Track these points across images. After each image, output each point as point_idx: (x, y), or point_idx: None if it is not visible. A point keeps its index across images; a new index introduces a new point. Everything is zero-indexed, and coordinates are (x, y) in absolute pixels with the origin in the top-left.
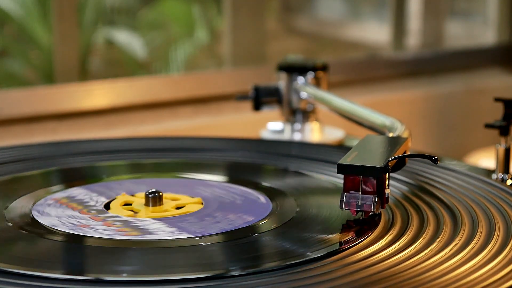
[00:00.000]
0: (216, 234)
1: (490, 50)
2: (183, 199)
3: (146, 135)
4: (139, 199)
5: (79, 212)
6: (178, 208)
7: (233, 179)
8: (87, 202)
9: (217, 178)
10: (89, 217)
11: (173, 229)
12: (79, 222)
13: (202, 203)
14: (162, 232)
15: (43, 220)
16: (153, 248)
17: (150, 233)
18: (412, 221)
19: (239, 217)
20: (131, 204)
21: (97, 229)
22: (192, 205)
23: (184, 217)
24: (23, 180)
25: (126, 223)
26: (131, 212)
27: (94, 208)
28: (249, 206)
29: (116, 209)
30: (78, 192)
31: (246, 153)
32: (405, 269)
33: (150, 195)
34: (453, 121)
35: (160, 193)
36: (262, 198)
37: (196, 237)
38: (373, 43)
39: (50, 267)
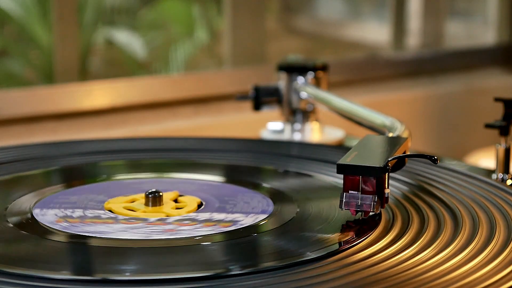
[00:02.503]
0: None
1: (490, 50)
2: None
3: (146, 135)
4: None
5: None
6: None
7: (233, 180)
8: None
9: (217, 178)
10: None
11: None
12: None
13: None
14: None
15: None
16: (154, 248)
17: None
18: (413, 221)
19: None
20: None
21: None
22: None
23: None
24: (23, 180)
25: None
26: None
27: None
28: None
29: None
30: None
31: (246, 153)
32: (406, 270)
33: (150, 195)
34: (453, 121)
35: (160, 193)
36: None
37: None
38: (373, 43)
39: (51, 267)
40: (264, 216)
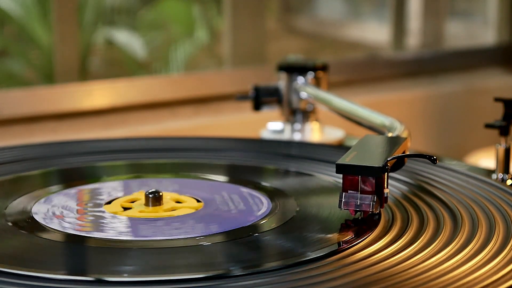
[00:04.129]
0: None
1: (490, 50)
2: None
3: (146, 135)
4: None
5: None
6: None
7: (233, 179)
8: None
9: (217, 178)
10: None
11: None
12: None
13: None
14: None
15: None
16: (153, 248)
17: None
18: (412, 221)
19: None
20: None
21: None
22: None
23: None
24: (23, 180)
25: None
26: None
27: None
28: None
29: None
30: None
31: (246, 153)
32: (405, 269)
33: (150, 195)
34: (453, 121)
35: (160, 193)
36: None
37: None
38: (373, 43)
39: (50, 267)
40: (264, 216)
